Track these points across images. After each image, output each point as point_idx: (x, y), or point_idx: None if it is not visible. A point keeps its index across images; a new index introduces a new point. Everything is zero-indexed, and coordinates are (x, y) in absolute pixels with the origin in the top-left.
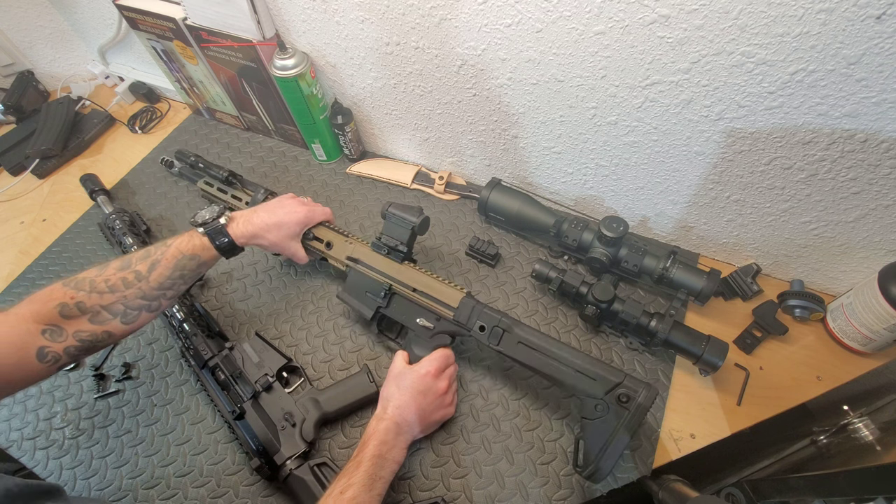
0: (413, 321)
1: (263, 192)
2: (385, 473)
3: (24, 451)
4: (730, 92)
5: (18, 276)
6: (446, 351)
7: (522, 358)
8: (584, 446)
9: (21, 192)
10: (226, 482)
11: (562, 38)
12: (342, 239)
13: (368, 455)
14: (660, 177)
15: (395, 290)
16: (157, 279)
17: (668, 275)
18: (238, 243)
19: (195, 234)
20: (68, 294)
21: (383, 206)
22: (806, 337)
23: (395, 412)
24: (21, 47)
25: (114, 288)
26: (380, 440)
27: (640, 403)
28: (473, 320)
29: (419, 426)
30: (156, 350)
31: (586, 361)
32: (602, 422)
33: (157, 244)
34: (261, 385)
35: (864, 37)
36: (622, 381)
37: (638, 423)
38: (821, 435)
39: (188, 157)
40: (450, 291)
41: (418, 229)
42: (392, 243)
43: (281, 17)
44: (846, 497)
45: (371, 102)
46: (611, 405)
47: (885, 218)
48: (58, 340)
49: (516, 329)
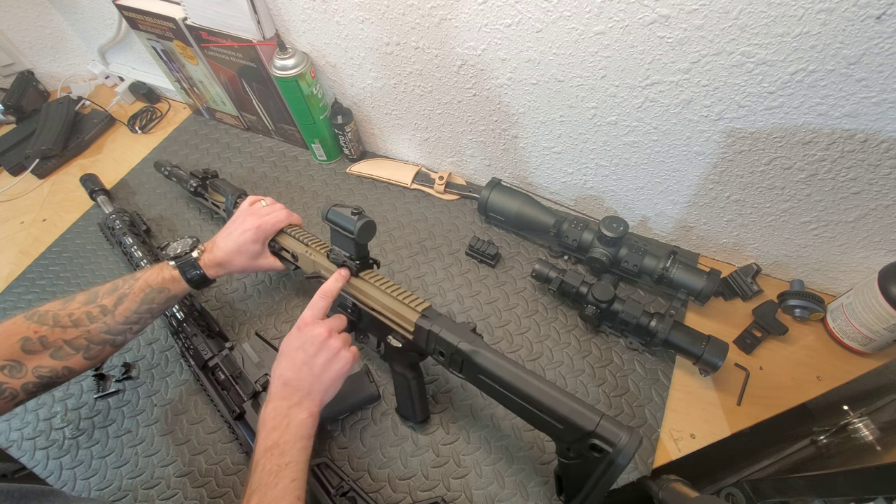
0: (385, 338)
1: (232, 195)
2: (290, 458)
3: (24, 451)
4: (730, 92)
5: (18, 276)
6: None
7: (484, 389)
8: (564, 482)
9: (21, 192)
10: (226, 482)
11: (562, 38)
12: (304, 249)
13: (260, 451)
14: (660, 177)
15: (359, 308)
16: (123, 313)
17: (668, 275)
18: (209, 275)
19: (166, 266)
20: (31, 328)
21: (323, 207)
22: (806, 337)
23: (277, 384)
24: (21, 47)
25: (77, 322)
26: (269, 427)
27: (614, 460)
28: (432, 345)
29: (315, 386)
30: (156, 350)
31: (554, 402)
32: (577, 466)
33: (126, 277)
34: (261, 385)
35: (864, 37)
36: (593, 430)
37: (616, 475)
38: (821, 435)
39: (163, 167)
40: (406, 311)
41: (359, 238)
42: (341, 258)
43: (281, 17)
44: (846, 497)
45: (371, 102)
46: (584, 452)
47: (885, 218)
48: (16, 377)
49: (476, 358)
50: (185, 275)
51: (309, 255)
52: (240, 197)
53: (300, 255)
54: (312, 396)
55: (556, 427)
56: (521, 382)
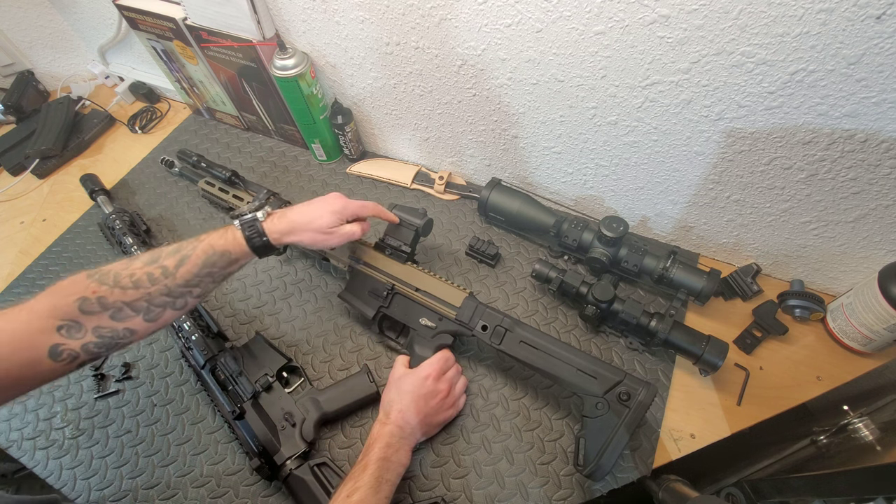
0: (416, 321)
1: (266, 193)
2: (391, 476)
3: (24, 451)
4: (730, 92)
5: (18, 276)
6: (446, 353)
7: (524, 357)
8: (584, 444)
9: (21, 192)
10: (226, 482)
11: (562, 38)
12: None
13: (374, 458)
14: (660, 177)
15: (398, 290)
16: (184, 275)
17: (668, 275)
18: (272, 240)
19: (231, 228)
20: (90, 287)
21: (388, 207)
22: (806, 337)
23: (397, 416)
24: (21, 47)
25: (138, 283)
26: (385, 443)
27: (641, 401)
28: (476, 320)
29: (422, 429)
30: (156, 350)
31: (587, 360)
32: (602, 420)
33: (190, 239)
34: (261, 385)
35: (864, 37)
36: (622, 380)
37: (638, 420)
38: (821, 435)
39: (190, 156)
40: (453, 291)
41: (422, 231)
42: (395, 244)
43: (281, 17)
44: (846, 497)
45: (371, 102)
46: (611, 403)
47: (885, 218)
48: (75, 337)
49: (518, 329)
50: (249, 237)
51: (351, 243)
52: (272, 196)
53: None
54: (418, 436)
55: (591, 380)
56: (560, 346)
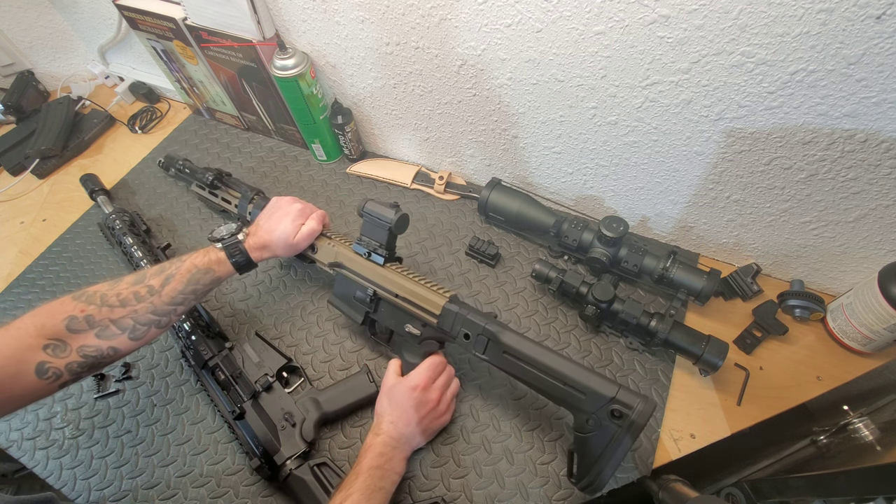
0: (401, 327)
1: (249, 191)
2: (385, 484)
3: (24, 451)
4: (730, 92)
5: (18, 276)
6: (436, 359)
7: (508, 368)
8: (577, 459)
9: (21, 192)
10: (226, 482)
11: (562, 38)
12: (326, 241)
13: (366, 466)
14: (660, 177)
15: (380, 296)
16: (169, 294)
17: (668, 275)
18: (253, 258)
19: (212, 249)
20: (78, 307)
21: (359, 203)
22: (806, 337)
23: (389, 427)
24: (21, 47)
25: (125, 302)
26: (377, 452)
27: (634, 421)
28: (457, 328)
29: (416, 438)
30: (156, 350)
31: (577, 373)
32: (595, 437)
33: (173, 260)
34: (261, 385)
35: (864, 37)
36: (614, 396)
37: (633, 439)
38: (821, 435)
39: (175, 162)
40: (432, 297)
41: (395, 228)
42: (371, 246)
43: (281, 17)
44: (846, 497)
45: (371, 102)
46: (602, 421)
47: (885, 218)
48: (60, 356)
49: (502, 337)
50: (231, 256)
51: (332, 246)
52: (256, 195)
53: (322, 247)
54: (412, 445)
55: (579, 397)
56: (545, 357)
